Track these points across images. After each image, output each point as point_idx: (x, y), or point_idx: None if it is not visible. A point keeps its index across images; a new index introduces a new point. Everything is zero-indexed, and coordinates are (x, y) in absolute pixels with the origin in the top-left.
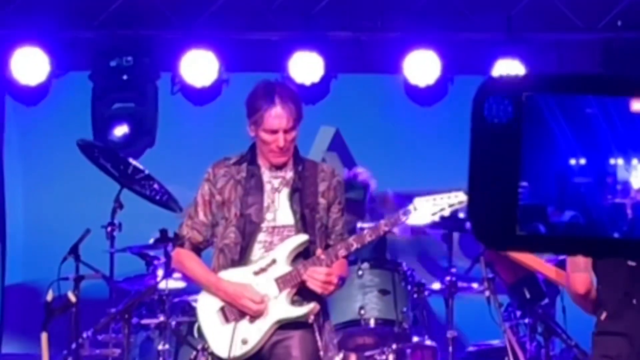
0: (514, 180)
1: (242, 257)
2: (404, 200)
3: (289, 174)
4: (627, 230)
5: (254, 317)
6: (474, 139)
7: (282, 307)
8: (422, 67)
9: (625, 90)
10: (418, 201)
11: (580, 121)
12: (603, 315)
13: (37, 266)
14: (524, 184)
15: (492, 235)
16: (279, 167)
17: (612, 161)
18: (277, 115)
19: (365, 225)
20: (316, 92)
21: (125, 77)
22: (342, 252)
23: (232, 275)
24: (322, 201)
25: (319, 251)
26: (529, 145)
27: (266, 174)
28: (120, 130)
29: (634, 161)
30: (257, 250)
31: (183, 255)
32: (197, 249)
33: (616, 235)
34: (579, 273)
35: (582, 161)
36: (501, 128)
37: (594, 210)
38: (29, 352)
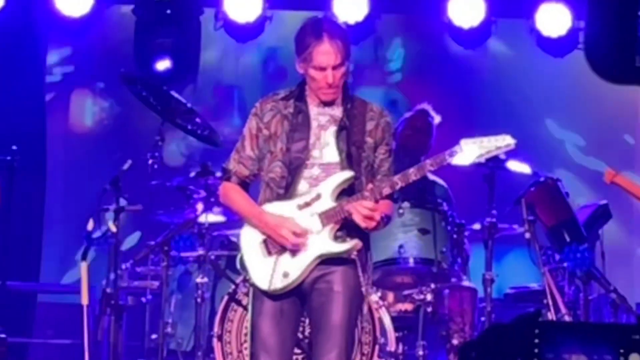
0: (633, 10)
1: (287, 191)
2: None
3: (337, 111)
4: None
5: (296, 251)
6: None
7: (324, 242)
8: (466, 9)
9: None
10: (465, 142)
11: None
12: None
13: (78, 199)
14: None
15: (611, 68)
16: (327, 104)
17: None
18: (325, 51)
19: None
20: (360, 32)
21: (168, 11)
22: (387, 190)
23: (276, 209)
24: (369, 140)
25: (369, 186)
26: None
27: (314, 111)
28: (163, 65)
29: None
30: (302, 186)
31: (229, 189)
32: (244, 183)
33: None
34: None
35: None
36: None
37: None
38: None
